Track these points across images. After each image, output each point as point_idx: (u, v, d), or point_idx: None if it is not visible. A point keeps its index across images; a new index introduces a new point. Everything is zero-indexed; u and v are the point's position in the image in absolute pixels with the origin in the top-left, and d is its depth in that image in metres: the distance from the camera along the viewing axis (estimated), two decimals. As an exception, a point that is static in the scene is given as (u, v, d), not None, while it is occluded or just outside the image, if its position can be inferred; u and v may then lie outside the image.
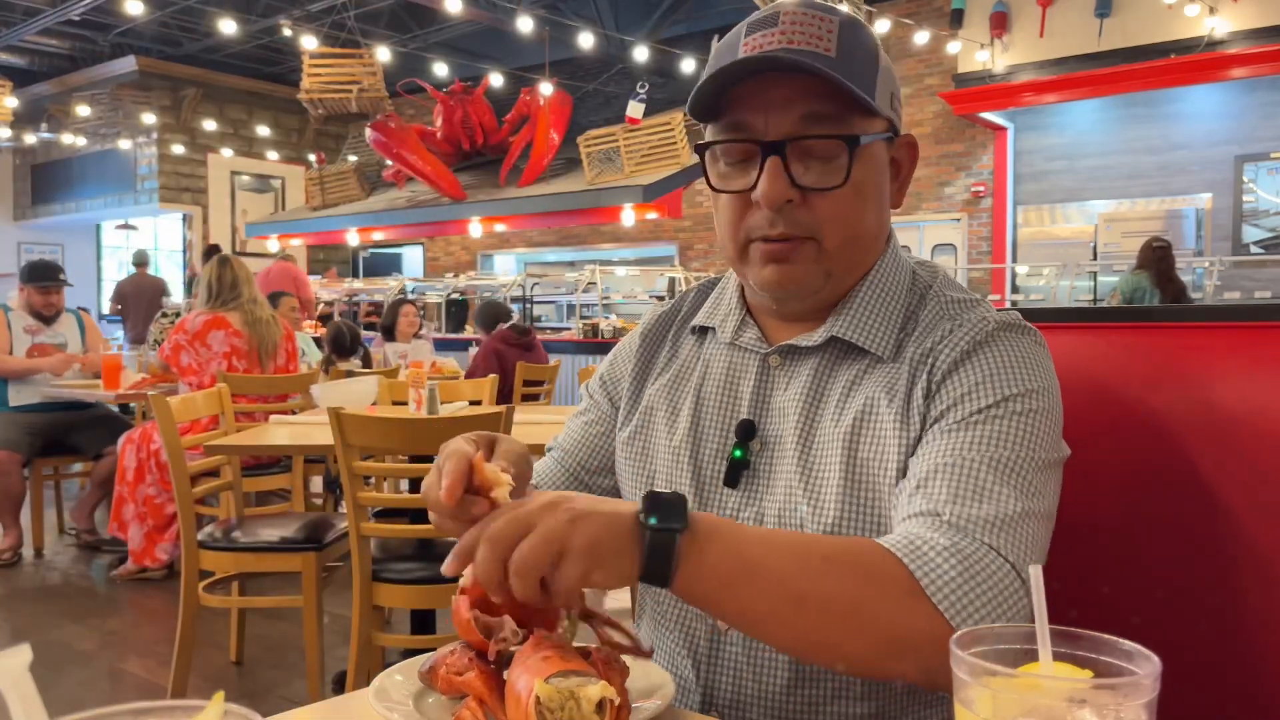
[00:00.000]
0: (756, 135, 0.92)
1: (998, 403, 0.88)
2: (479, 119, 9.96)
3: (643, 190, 8.46)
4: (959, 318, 0.96)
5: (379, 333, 6.71)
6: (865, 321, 0.98)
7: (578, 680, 0.67)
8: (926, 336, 0.96)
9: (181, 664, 2.79)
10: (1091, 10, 8.68)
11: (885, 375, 0.95)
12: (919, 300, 1.01)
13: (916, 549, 0.78)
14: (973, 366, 0.91)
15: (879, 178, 0.96)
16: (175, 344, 4.16)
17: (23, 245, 14.86)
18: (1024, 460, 0.86)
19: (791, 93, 0.91)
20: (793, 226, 0.93)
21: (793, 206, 0.92)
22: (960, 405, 0.89)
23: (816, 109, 0.90)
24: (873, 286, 1.00)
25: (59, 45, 13.00)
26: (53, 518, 5.30)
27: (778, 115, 0.91)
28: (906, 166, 1.02)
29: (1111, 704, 0.48)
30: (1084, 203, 9.70)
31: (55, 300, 4.90)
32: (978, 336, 0.93)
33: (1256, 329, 1.08)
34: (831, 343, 0.99)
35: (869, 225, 0.97)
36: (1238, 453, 1.02)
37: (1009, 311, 0.98)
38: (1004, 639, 0.53)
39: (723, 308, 1.08)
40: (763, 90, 0.92)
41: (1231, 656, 1.02)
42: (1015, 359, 0.91)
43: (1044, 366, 0.93)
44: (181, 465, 2.79)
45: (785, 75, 0.90)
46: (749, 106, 0.92)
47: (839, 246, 0.94)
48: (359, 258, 15.28)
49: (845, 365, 0.98)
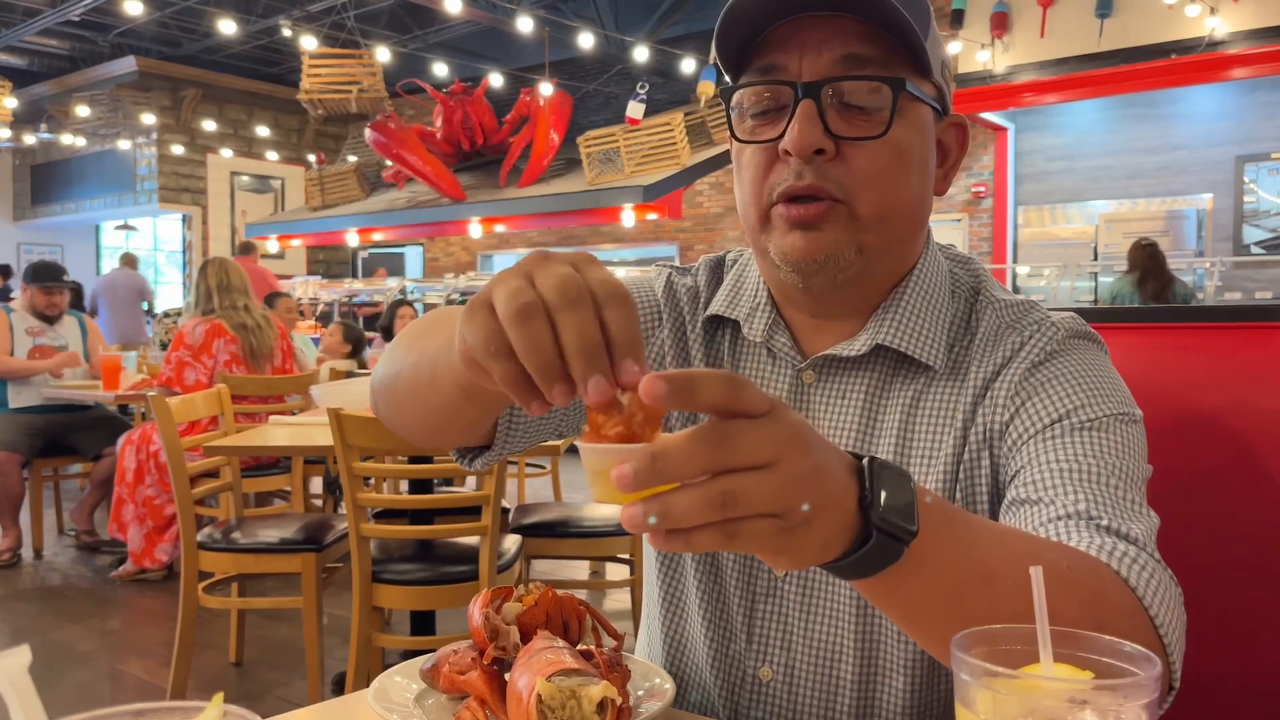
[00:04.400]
0: (790, 78, 0.83)
1: (1112, 416, 0.82)
2: (479, 119, 9.96)
3: (643, 191, 8.47)
4: (1024, 326, 0.88)
5: (378, 333, 6.71)
6: (915, 327, 0.88)
7: (579, 680, 0.67)
8: (993, 349, 0.88)
9: (181, 665, 2.79)
10: (1092, 10, 8.68)
11: (948, 396, 0.87)
12: (968, 305, 0.92)
13: (1125, 563, 0.70)
14: (1067, 376, 0.84)
15: (924, 146, 0.86)
16: (179, 361, 4.14)
17: (22, 246, 14.86)
18: (1141, 474, 0.81)
19: (831, 33, 0.82)
20: (822, 179, 0.82)
21: (825, 159, 0.82)
22: (1074, 414, 0.82)
23: (858, 51, 0.81)
24: (919, 287, 0.90)
25: (59, 45, 13.00)
26: (52, 518, 5.30)
27: (814, 56, 0.82)
28: (955, 151, 0.92)
29: (1112, 705, 0.48)
30: (1085, 203, 9.70)
31: (58, 301, 4.91)
32: (1054, 346, 0.86)
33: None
34: (878, 353, 0.89)
35: (908, 197, 0.85)
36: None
37: (1074, 317, 0.91)
38: (1005, 640, 0.53)
39: (745, 298, 0.96)
40: (798, 31, 0.83)
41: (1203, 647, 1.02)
42: (1099, 371, 0.86)
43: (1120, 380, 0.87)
44: (181, 466, 2.79)
45: (826, 16, 0.82)
46: (782, 49, 0.83)
47: (873, 214, 0.83)
48: (358, 258, 15.28)
49: (900, 383, 0.89)
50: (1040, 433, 0.82)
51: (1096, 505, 0.75)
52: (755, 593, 0.93)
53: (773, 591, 0.92)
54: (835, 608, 0.89)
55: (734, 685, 0.95)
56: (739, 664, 0.94)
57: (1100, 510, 0.75)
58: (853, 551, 0.56)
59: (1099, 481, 0.77)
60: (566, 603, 0.84)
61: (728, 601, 0.94)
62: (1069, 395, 0.83)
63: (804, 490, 0.52)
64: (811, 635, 0.90)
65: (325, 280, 12.33)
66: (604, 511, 3.09)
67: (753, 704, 0.94)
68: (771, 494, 0.50)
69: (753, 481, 0.50)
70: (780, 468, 0.50)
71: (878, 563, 0.57)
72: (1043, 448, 0.81)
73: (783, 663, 0.92)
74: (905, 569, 0.57)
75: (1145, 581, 0.69)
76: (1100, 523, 0.74)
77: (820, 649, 0.90)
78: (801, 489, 0.51)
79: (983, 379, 0.87)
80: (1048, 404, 0.83)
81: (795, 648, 0.91)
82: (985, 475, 0.85)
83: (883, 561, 0.57)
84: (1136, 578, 0.69)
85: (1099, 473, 0.78)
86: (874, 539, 0.56)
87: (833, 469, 0.55)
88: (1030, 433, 0.82)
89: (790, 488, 0.51)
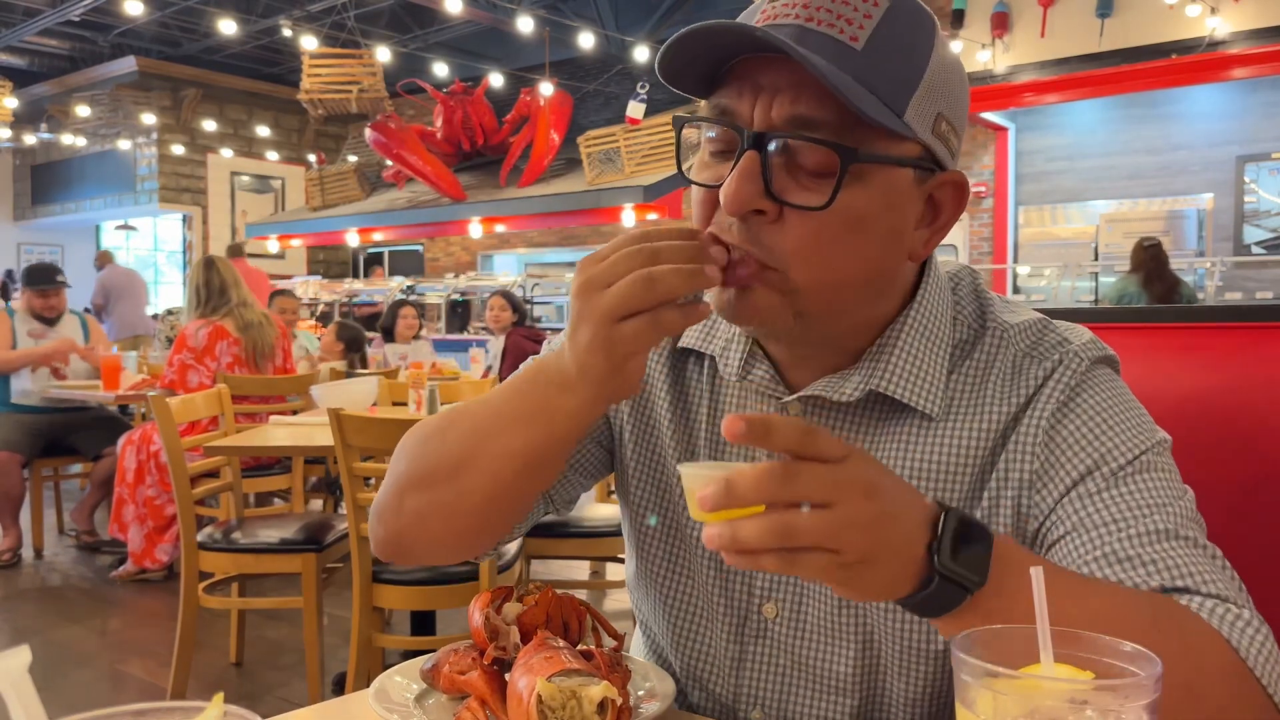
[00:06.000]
0: (741, 123, 0.74)
1: (1143, 452, 0.78)
2: (479, 119, 9.96)
3: (643, 191, 8.47)
4: (1043, 355, 0.82)
5: (378, 333, 6.71)
6: (911, 372, 0.81)
7: (580, 680, 0.67)
8: (1011, 385, 0.81)
9: (181, 665, 2.79)
10: (1093, 10, 8.68)
11: (956, 437, 0.81)
12: (973, 333, 0.85)
13: (1219, 615, 0.67)
14: (1094, 417, 0.79)
15: (890, 214, 0.76)
16: (181, 364, 4.14)
17: (23, 246, 14.87)
18: (1189, 503, 0.78)
19: (791, 81, 0.72)
20: (752, 243, 0.73)
21: (762, 221, 0.73)
22: (1105, 463, 0.77)
23: (805, 113, 0.72)
24: (916, 326, 0.82)
25: (59, 46, 13.00)
26: (52, 518, 5.30)
27: (765, 104, 0.73)
28: (947, 210, 0.80)
29: (1113, 705, 0.48)
30: (1085, 203, 9.70)
31: (55, 303, 4.88)
32: (1078, 380, 0.80)
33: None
34: (870, 398, 0.83)
35: (859, 270, 0.76)
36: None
37: (1091, 340, 0.85)
38: (1005, 640, 0.53)
39: (720, 329, 0.89)
40: (759, 72, 0.74)
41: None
42: (1126, 404, 0.82)
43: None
44: (181, 466, 2.79)
45: (790, 59, 0.71)
46: (740, 88, 0.75)
47: (811, 285, 0.74)
48: (358, 258, 15.28)
49: (890, 424, 0.83)
50: (1080, 482, 0.77)
51: (1173, 572, 0.71)
52: (745, 635, 0.90)
53: (762, 634, 0.89)
54: (832, 654, 0.86)
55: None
56: (728, 708, 0.92)
57: (1178, 575, 0.71)
58: (918, 592, 0.61)
59: (1168, 539, 0.73)
60: (566, 603, 0.84)
61: (713, 645, 0.92)
62: (1105, 437, 0.78)
63: (860, 533, 0.57)
64: (806, 678, 0.88)
65: (325, 280, 12.32)
66: (604, 512, 3.09)
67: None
68: (824, 532, 0.56)
69: (808, 519, 0.55)
70: (837, 509, 0.56)
71: (940, 606, 0.61)
72: (1093, 504, 0.76)
73: (775, 706, 0.90)
74: (976, 614, 0.61)
75: (1240, 633, 0.66)
76: (1184, 586, 0.70)
77: (816, 691, 0.88)
78: (856, 531, 0.57)
79: (1001, 419, 0.81)
80: (1085, 452, 0.78)
81: (789, 691, 0.89)
82: (1005, 521, 0.81)
83: (945, 605, 0.61)
84: (1232, 630, 0.66)
85: (1162, 530, 0.73)
86: (935, 584, 0.60)
87: (901, 516, 0.60)
88: (1070, 483, 0.78)
89: (845, 529, 0.56)
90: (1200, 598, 0.69)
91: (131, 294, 9.46)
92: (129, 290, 9.47)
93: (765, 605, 0.88)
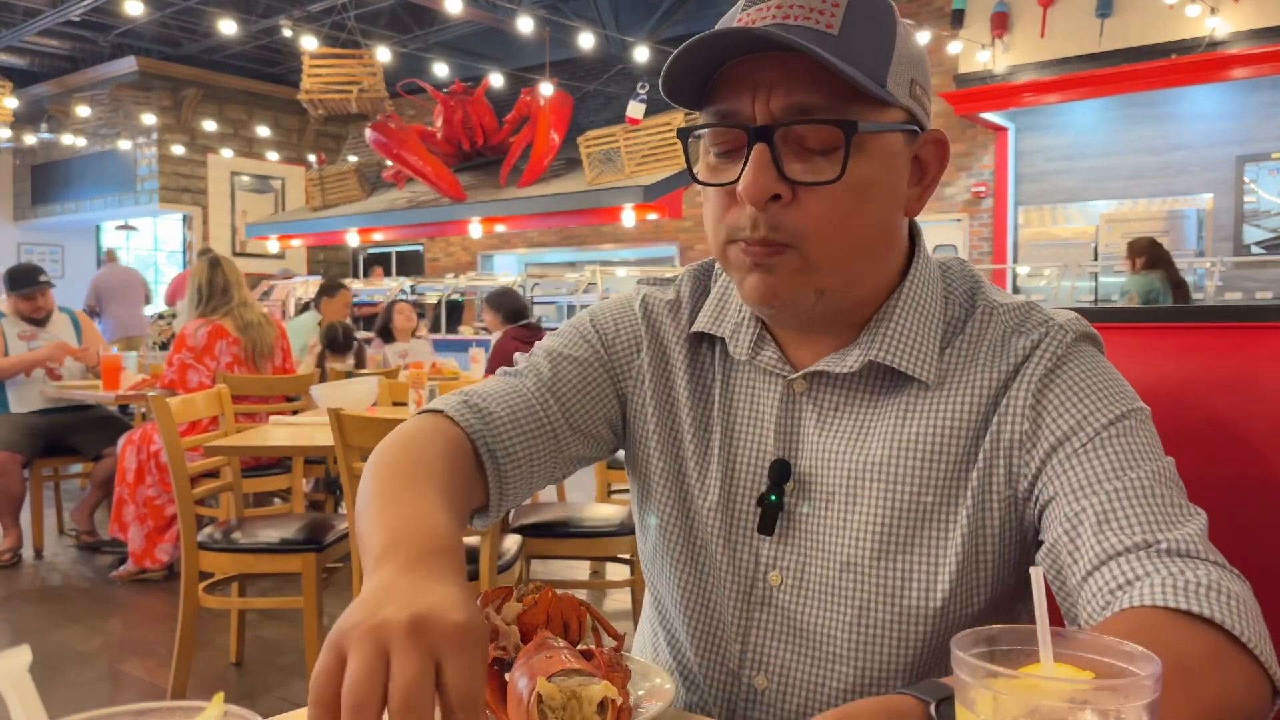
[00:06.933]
0: (744, 121, 0.81)
1: (1131, 412, 0.83)
2: (479, 119, 9.96)
3: (643, 190, 8.47)
4: (1029, 328, 0.87)
5: (376, 334, 6.69)
6: (906, 342, 0.87)
7: (580, 680, 0.67)
8: (999, 356, 0.87)
9: (181, 665, 2.79)
10: (1092, 10, 8.69)
11: (949, 404, 0.87)
12: (964, 310, 0.91)
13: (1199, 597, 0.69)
14: (1076, 384, 0.84)
15: (890, 176, 0.84)
16: (181, 363, 4.14)
17: (23, 246, 14.87)
18: (1170, 465, 0.81)
19: (783, 74, 0.80)
20: (774, 230, 0.81)
21: (780, 205, 0.81)
22: (1086, 425, 0.82)
23: (803, 100, 0.79)
24: (910, 299, 0.89)
25: (59, 46, 13.00)
26: (53, 518, 5.30)
27: (764, 99, 0.80)
28: (933, 167, 0.89)
29: (1113, 705, 0.48)
30: (1085, 203, 9.70)
31: (42, 303, 4.82)
32: (1063, 351, 0.86)
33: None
34: (869, 369, 0.89)
35: (870, 233, 0.84)
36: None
37: (1075, 317, 0.90)
38: (1005, 640, 0.53)
39: (730, 314, 0.96)
40: (753, 71, 0.81)
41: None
42: (1109, 374, 0.86)
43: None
44: (181, 466, 2.79)
45: (779, 54, 0.79)
46: (736, 89, 0.81)
47: (828, 259, 0.82)
48: (358, 258, 15.29)
49: (889, 394, 0.89)
50: (1062, 444, 0.82)
51: (1146, 527, 0.75)
52: (751, 602, 0.93)
53: (768, 601, 0.92)
54: (831, 619, 0.89)
55: (729, 693, 0.95)
56: (733, 674, 0.94)
57: (1151, 529, 0.74)
58: None
59: (1142, 495, 0.77)
60: (566, 603, 0.84)
61: (720, 612, 0.94)
62: (1086, 401, 0.83)
63: None
64: (807, 645, 0.90)
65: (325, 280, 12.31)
66: (604, 512, 3.09)
67: (748, 708, 0.94)
68: None
69: None
70: None
71: None
72: (1074, 464, 0.81)
73: (778, 671, 0.92)
74: None
75: (1224, 606, 0.68)
76: (1160, 547, 0.73)
77: (816, 658, 0.90)
78: None
79: (991, 387, 0.86)
80: (1067, 414, 0.83)
81: (790, 657, 0.91)
82: (999, 482, 0.85)
83: None
84: (1223, 611, 0.68)
85: (1137, 486, 0.77)
86: None
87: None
88: (1053, 443, 0.82)
89: None
90: (1178, 565, 0.72)
91: (125, 295, 9.44)
92: (122, 291, 9.45)
93: (771, 573, 0.91)
